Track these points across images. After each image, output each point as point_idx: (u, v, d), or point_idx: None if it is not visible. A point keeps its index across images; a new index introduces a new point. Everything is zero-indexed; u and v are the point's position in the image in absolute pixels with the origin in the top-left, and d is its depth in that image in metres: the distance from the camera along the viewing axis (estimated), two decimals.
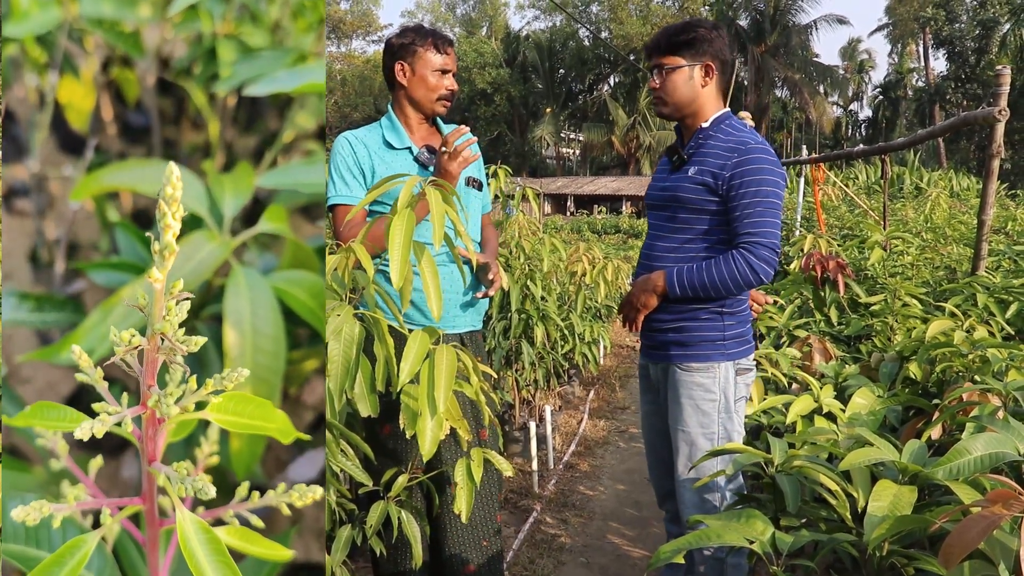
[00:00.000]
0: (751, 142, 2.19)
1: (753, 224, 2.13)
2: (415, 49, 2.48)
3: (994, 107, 3.44)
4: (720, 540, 1.43)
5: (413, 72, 2.49)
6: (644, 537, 3.59)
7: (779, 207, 2.17)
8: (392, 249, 1.45)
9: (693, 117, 2.31)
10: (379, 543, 2.08)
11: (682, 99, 2.28)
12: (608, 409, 5.84)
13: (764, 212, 2.14)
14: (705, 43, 2.25)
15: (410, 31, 2.52)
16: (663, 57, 2.29)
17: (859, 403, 2.24)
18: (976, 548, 1.09)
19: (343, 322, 1.56)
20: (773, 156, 2.19)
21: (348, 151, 2.48)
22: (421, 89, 2.50)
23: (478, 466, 1.97)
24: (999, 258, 4.92)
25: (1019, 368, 2.24)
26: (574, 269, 5.56)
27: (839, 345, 3.31)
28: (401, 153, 2.52)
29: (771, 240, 2.13)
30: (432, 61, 2.48)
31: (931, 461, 1.48)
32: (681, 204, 2.25)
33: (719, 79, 2.29)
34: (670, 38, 2.28)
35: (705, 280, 2.15)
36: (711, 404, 2.23)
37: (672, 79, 2.28)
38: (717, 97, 2.31)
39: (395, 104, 2.57)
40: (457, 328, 2.56)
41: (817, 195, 7.79)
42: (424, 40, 2.48)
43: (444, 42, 2.51)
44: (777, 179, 2.16)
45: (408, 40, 2.49)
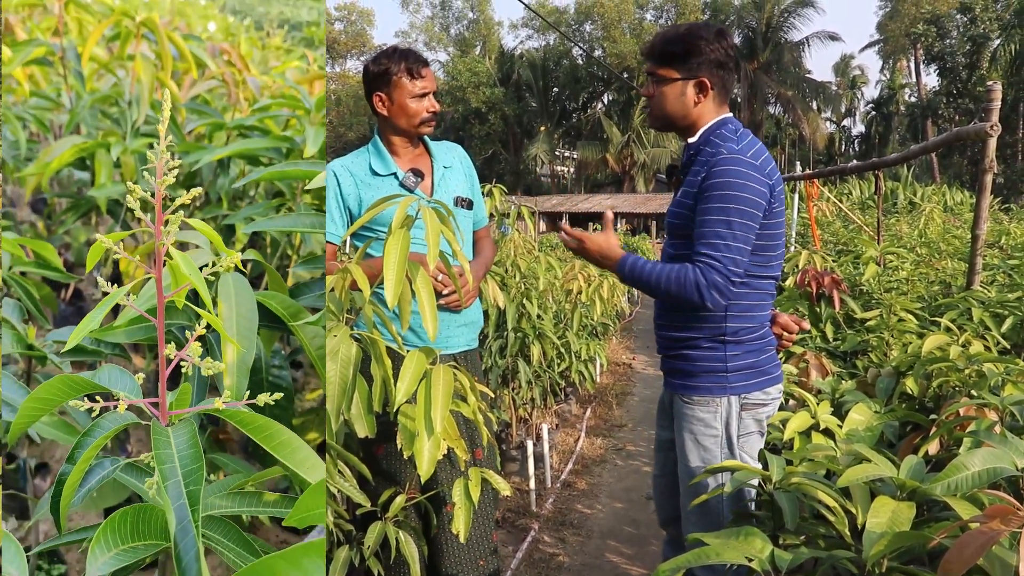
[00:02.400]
0: (723, 154, 1.99)
1: (710, 245, 1.94)
2: (390, 78, 2.46)
3: (986, 122, 3.46)
4: (719, 558, 1.43)
5: (392, 101, 2.48)
6: (642, 555, 3.57)
7: (748, 219, 1.96)
8: (387, 269, 1.45)
9: (685, 131, 2.15)
10: (377, 564, 2.07)
11: (672, 114, 2.13)
12: (605, 427, 5.82)
13: (723, 233, 1.94)
14: (701, 56, 2.06)
15: (383, 57, 2.50)
16: (657, 65, 2.13)
17: (856, 419, 2.23)
18: (975, 564, 1.08)
19: (340, 343, 1.56)
20: (747, 167, 1.97)
21: (333, 184, 2.48)
22: (402, 117, 2.49)
23: (476, 486, 1.97)
24: (994, 272, 4.94)
25: (1015, 382, 2.24)
26: (570, 287, 5.57)
27: (835, 361, 3.31)
28: (387, 179, 2.51)
29: (726, 266, 1.93)
30: (408, 88, 2.45)
31: (929, 477, 1.47)
32: (675, 230, 2.14)
33: (716, 92, 2.10)
34: (665, 46, 2.11)
35: (651, 281, 2.01)
36: (712, 440, 2.10)
37: (663, 91, 2.11)
38: (715, 108, 2.12)
39: (380, 130, 2.58)
40: (451, 348, 2.55)
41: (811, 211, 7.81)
42: (398, 66, 2.45)
43: (418, 64, 2.47)
44: (745, 194, 1.95)
45: (382, 68, 2.47)
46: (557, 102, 46.56)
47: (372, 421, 1.65)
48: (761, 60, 41.39)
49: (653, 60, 2.14)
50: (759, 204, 1.98)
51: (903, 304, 3.41)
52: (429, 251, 1.47)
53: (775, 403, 2.17)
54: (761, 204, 1.98)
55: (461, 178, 2.64)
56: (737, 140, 2.05)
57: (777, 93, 42.09)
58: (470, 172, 2.69)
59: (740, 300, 2.07)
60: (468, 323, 2.59)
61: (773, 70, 42.16)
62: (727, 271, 1.93)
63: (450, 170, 2.61)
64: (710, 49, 2.06)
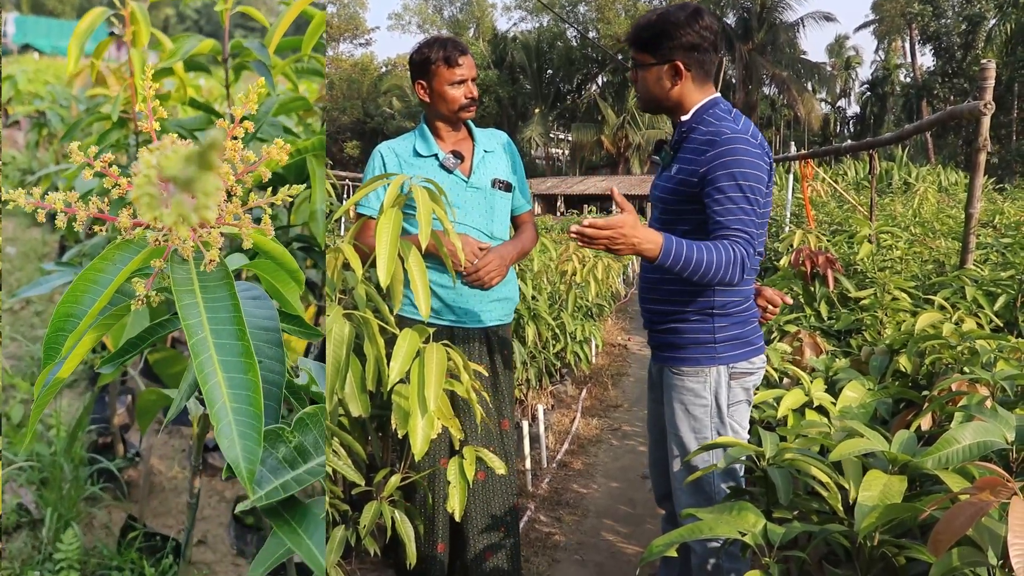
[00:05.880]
0: (727, 132, 2.01)
1: (741, 222, 1.95)
2: (429, 67, 2.57)
3: (979, 101, 3.46)
4: (712, 532, 1.44)
5: (432, 89, 2.60)
6: (638, 534, 3.59)
7: (758, 196, 2.00)
8: (379, 247, 1.45)
9: (674, 111, 2.18)
10: (373, 543, 2.09)
11: (655, 96, 2.17)
12: (601, 407, 5.84)
13: (748, 209, 1.97)
14: (671, 40, 2.08)
15: (424, 47, 2.61)
16: (636, 51, 2.17)
17: (850, 396, 2.24)
18: (964, 535, 1.09)
19: (333, 322, 1.56)
20: (751, 146, 2.01)
21: (379, 163, 2.63)
22: (442, 103, 2.60)
23: (470, 464, 1.97)
24: (987, 251, 4.95)
25: (1007, 359, 2.25)
26: (564, 268, 5.57)
27: (829, 339, 3.32)
28: (428, 160, 2.63)
29: (752, 243, 1.97)
30: (446, 76, 2.56)
31: (921, 451, 1.48)
32: (667, 205, 2.16)
33: (694, 74, 2.12)
34: (638, 32, 2.15)
35: (701, 263, 1.90)
36: (702, 409, 2.14)
37: (643, 76, 2.16)
38: (699, 88, 2.14)
39: (425, 116, 2.69)
40: (484, 323, 2.63)
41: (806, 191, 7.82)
42: (437, 55, 2.56)
43: (456, 53, 2.57)
44: (755, 171, 1.99)
45: (422, 58, 2.58)
46: (551, 84, 46.39)
47: (366, 400, 1.65)
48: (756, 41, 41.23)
49: (632, 46, 2.18)
50: (763, 180, 2.03)
51: (897, 283, 3.42)
52: (421, 229, 1.47)
53: (760, 372, 2.22)
54: (765, 181, 2.04)
55: (502, 163, 2.73)
56: (733, 120, 2.08)
57: (772, 74, 41.95)
58: (513, 158, 2.79)
59: None
60: (501, 299, 2.67)
61: (768, 51, 42.00)
62: (753, 247, 1.97)
63: (491, 154, 2.71)
64: (681, 33, 2.08)
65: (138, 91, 2.76)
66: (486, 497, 2.61)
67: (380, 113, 48.54)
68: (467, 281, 2.51)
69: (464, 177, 2.61)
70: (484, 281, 2.51)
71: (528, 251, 2.78)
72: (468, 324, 2.59)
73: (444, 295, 2.55)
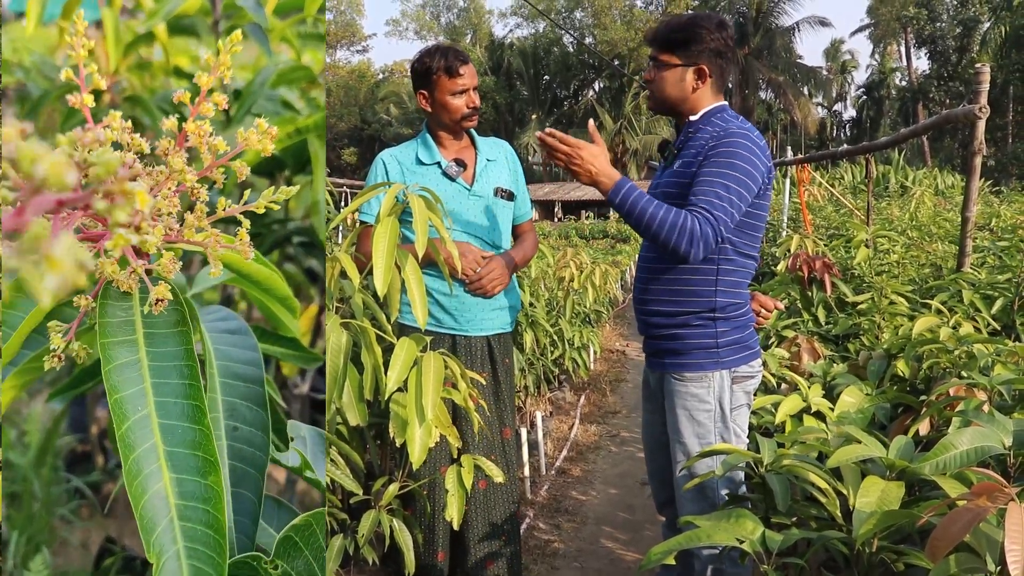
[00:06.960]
0: (734, 128, 2.08)
1: (709, 202, 1.97)
2: (431, 77, 2.57)
3: (975, 105, 3.47)
4: (710, 540, 1.44)
5: (434, 99, 2.59)
6: (638, 541, 3.59)
7: (744, 190, 2.02)
8: (376, 256, 1.45)
9: (683, 113, 2.23)
10: (371, 552, 2.08)
11: (671, 97, 2.21)
12: (599, 414, 5.84)
13: (722, 194, 1.98)
14: (702, 44, 2.14)
15: (426, 56, 2.60)
16: (659, 51, 2.20)
17: (848, 401, 2.24)
18: (962, 541, 1.09)
19: (330, 331, 1.56)
20: (752, 143, 2.06)
21: (381, 171, 2.63)
22: (443, 113, 2.60)
23: (468, 473, 1.97)
24: (984, 254, 4.96)
25: (1004, 362, 2.25)
26: (562, 275, 5.57)
27: (827, 344, 3.32)
28: (431, 168, 2.63)
29: (718, 223, 1.96)
30: (448, 86, 2.56)
31: (918, 456, 1.48)
32: (670, 200, 2.13)
33: (714, 79, 2.19)
34: (669, 33, 2.19)
35: (645, 213, 1.97)
36: (706, 414, 2.15)
37: (664, 75, 2.20)
38: (712, 95, 2.21)
39: (428, 124, 2.69)
40: (485, 331, 2.63)
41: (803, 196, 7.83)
42: (438, 64, 2.56)
43: (457, 62, 2.56)
44: (748, 166, 2.02)
45: (424, 68, 2.58)
46: (548, 90, 46.49)
47: (364, 409, 1.65)
48: (752, 46, 41.34)
49: (656, 46, 2.22)
50: (756, 179, 2.06)
51: (894, 287, 3.42)
52: (417, 239, 1.47)
53: (758, 376, 2.25)
54: (758, 179, 2.06)
55: (504, 172, 2.73)
56: (740, 123, 2.14)
57: (768, 79, 42.05)
58: (515, 168, 2.79)
59: (728, 276, 2.15)
60: (503, 307, 2.67)
61: (764, 56, 42.12)
62: (717, 229, 1.96)
63: (493, 163, 2.72)
64: (711, 38, 2.14)
65: (111, 57, 2.54)
66: (487, 506, 2.61)
67: (377, 120, 48.61)
68: (470, 289, 2.53)
69: (467, 185, 2.62)
70: (487, 289, 2.53)
71: (529, 259, 2.80)
72: (471, 332, 2.59)
73: (447, 303, 2.55)
